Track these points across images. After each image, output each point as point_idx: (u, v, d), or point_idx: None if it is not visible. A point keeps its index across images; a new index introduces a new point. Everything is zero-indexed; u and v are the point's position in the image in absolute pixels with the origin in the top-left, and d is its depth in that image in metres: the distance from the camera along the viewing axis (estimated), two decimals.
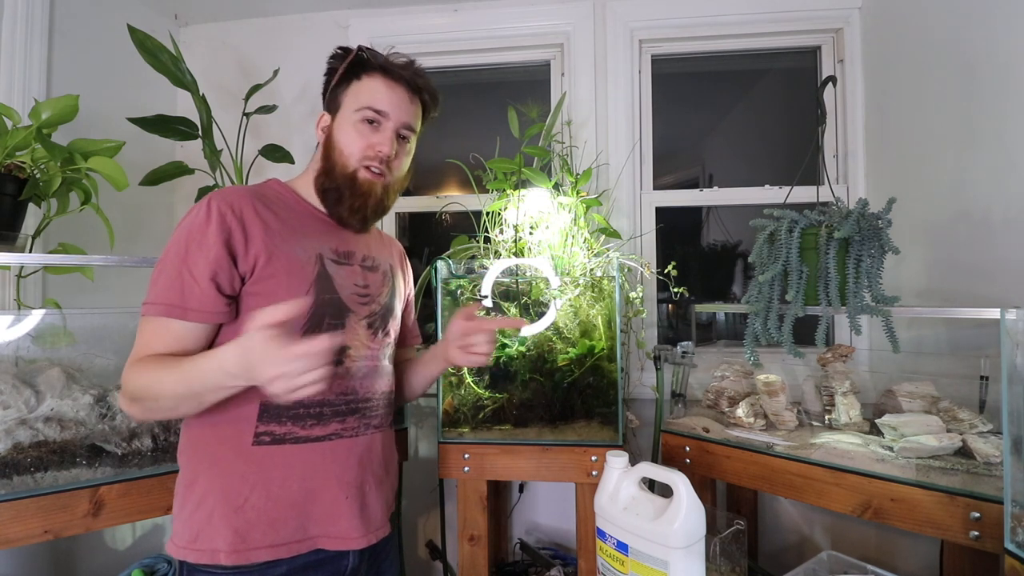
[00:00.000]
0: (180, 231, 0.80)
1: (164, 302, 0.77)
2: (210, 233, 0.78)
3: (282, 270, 0.82)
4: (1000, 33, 1.20)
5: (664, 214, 1.82)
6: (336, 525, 0.84)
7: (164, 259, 0.80)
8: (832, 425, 1.21)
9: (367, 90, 0.89)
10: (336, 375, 0.86)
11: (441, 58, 1.91)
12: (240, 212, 0.82)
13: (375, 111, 0.88)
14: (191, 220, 0.80)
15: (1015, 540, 0.78)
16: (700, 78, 1.96)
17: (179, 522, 0.82)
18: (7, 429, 1.00)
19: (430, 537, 1.73)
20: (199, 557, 0.78)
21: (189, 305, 0.77)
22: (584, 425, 1.30)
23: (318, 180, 0.91)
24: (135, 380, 0.76)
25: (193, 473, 0.82)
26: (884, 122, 1.62)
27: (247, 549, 0.79)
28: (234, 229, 0.80)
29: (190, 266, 0.77)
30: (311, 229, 0.89)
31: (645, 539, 0.86)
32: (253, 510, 0.80)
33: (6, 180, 1.08)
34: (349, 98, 0.89)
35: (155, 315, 0.77)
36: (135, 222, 1.67)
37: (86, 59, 1.60)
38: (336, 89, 0.91)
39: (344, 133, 0.88)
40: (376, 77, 0.89)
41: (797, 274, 1.11)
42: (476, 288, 1.33)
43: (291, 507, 0.82)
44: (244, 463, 0.81)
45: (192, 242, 0.78)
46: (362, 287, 0.92)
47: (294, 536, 0.81)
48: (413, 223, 2.02)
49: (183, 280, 0.77)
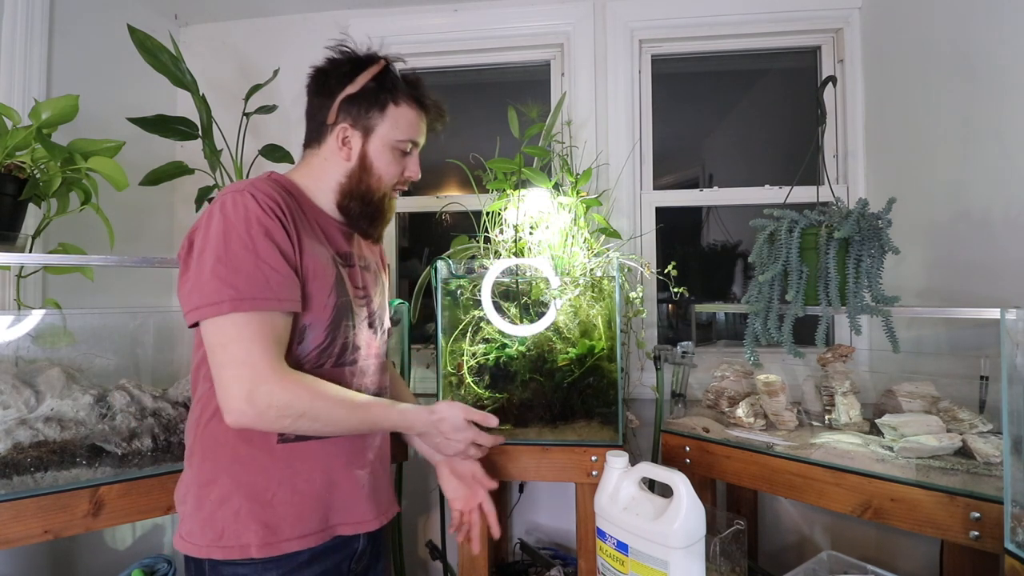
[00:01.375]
0: (235, 226, 0.76)
1: (258, 296, 0.74)
2: (269, 222, 0.77)
3: (311, 270, 0.83)
4: (1000, 33, 1.20)
5: (664, 214, 1.82)
6: (354, 512, 0.88)
7: (227, 255, 0.75)
8: (832, 425, 1.21)
9: (406, 122, 0.91)
10: (353, 373, 0.90)
11: (441, 58, 1.91)
12: (283, 206, 0.81)
13: (415, 143, 0.93)
14: (241, 213, 0.77)
15: (1015, 540, 0.78)
16: (700, 78, 1.96)
17: (195, 522, 0.81)
18: (7, 429, 1.00)
19: (430, 537, 1.73)
20: (227, 553, 0.79)
21: (280, 295, 0.77)
22: (584, 425, 1.30)
23: (343, 197, 0.91)
24: (308, 399, 0.77)
25: (211, 473, 0.82)
26: (884, 122, 1.62)
27: (278, 541, 0.80)
28: (285, 221, 0.80)
29: (263, 256, 0.76)
30: (324, 231, 0.90)
31: (645, 539, 0.86)
32: (281, 504, 0.81)
33: (6, 180, 1.08)
34: (387, 125, 0.89)
35: (250, 310, 0.74)
36: (135, 222, 1.67)
37: (86, 59, 1.60)
38: (363, 104, 0.88)
39: (382, 159, 0.90)
40: (413, 108, 0.92)
41: (797, 274, 1.11)
42: (476, 288, 1.33)
43: (316, 499, 0.84)
44: (270, 460, 0.82)
45: (256, 234, 0.76)
46: (361, 288, 0.94)
47: (319, 526, 0.84)
48: (413, 223, 2.02)
49: (263, 271, 0.75)
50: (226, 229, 0.76)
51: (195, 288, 0.75)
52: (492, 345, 1.33)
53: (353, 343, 0.90)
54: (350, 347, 0.89)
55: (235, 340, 0.74)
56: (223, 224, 0.76)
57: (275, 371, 0.75)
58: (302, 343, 0.83)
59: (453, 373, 1.33)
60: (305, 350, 0.83)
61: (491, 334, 1.34)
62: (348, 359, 0.89)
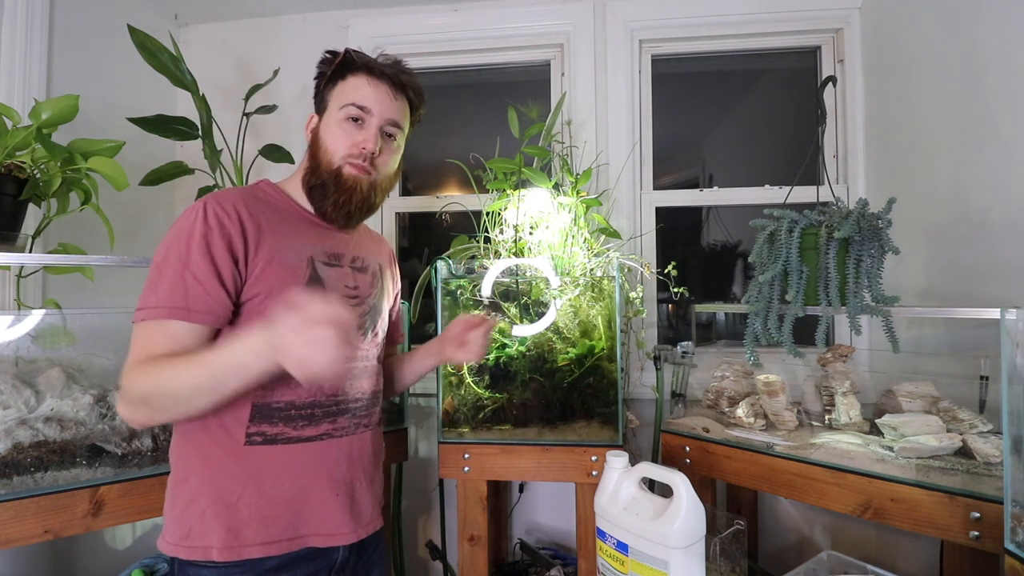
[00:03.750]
0: (177, 235, 0.79)
1: (167, 305, 0.76)
2: (211, 236, 0.78)
3: (275, 273, 0.82)
4: (1000, 33, 1.20)
5: (664, 214, 1.82)
6: (327, 523, 0.86)
7: (162, 264, 0.78)
8: (832, 425, 1.21)
9: (351, 88, 0.90)
10: None
11: (441, 58, 1.91)
12: (237, 215, 0.82)
13: (358, 107, 0.89)
14: (189, 224, 0.79)
15: (1015, 540, 0.78)
16: (700, 78, 1.96)
17: (170, 519, 0.82)
18: (7, 429, 1.00)
19: (430, 537, 1.73)
20: (191, 553, 0.79)
21: (193, 307, 0.76)
22: (584, 425, 1.30)
23: (305, 179, 0.91)
24: (142, 380, 0.73)
25: (184, 471, 0.83)
26: (884, 122, 1.62)
27: (240, 546, 0.79)
28: (233, 232, 0.80)
29: (193, 269, 0.76)
30: (302, 231, 0.90)
31: (645, 539, 0.86)
32: (246, 508, 0.80)
33: (6, 180, 1.08)
34: (334, 98, 0.90)
35: (155, 318, 0.76)
36: (135, 222, 1.67)
37: (86, 59, 1.60)
38: (323, 91, 0.93)
39: (329, 131, 0.89)
40: (360, 76, 0.90)
41: (797, 274, 1.11)
42: (476, 288, 1.33)
43: (283, 506, 0.82)
44: (236, 462, 0.81)
45: (193, 245, 0.77)
46: (352, 288, 0.93)
47: (286, 534, 0.82)
48: (413, 223, 2.02)
49: (186, 283, 0.76)
50: (172, 239, 0.79)
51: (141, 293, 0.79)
52: (492, 345, 1.33)
53: None
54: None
55: (134, 346, 0.77)
56: (171, 235, 0.80)
57: (130, 367, 0.75)
58: None
59: (453, 373, 1.34)
60: None
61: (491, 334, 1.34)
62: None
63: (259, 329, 0.67)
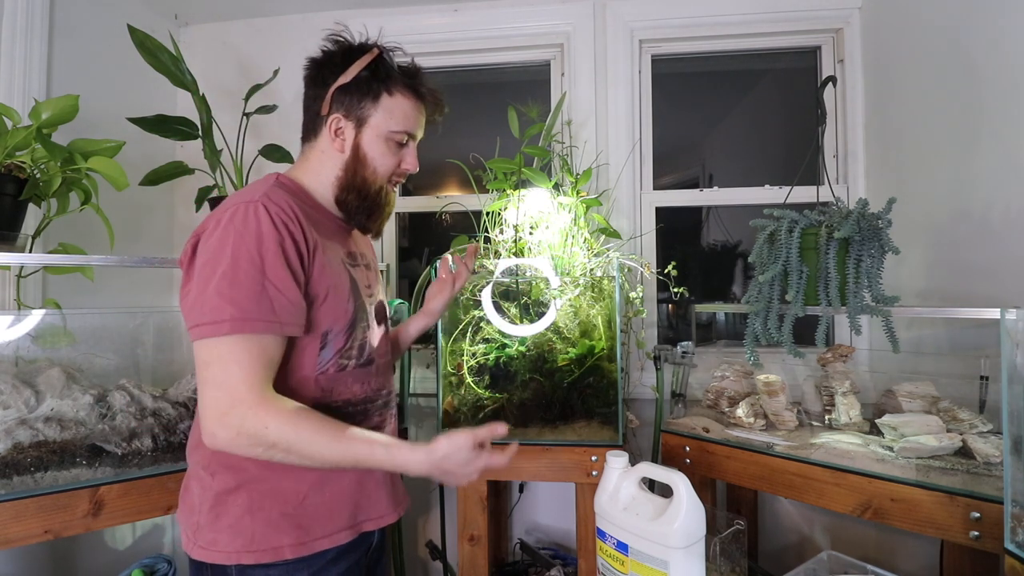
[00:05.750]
0: (242, 240, 0.73)
1: (258, 318, 0.72)
2: (284, 243, 0.76)
3: (328, 278, 0.82)
4: (1000, 33, 1.20)
5: (664, 214, 1.82)
6: (376, 507, 0.89)
7: (231, 271, 0.72)
8: (832, 425, 1.21)
9: (401, 113, 0.88)
10: (371, 374, 0.90)
11: (441, 58, 1.91)
12: (297, 219, 0.79)
13: (411, 136, 0.90)
14: (254, 228, 0.74)
15: (1015, 540, 0.78)
16: (700, 78, 1.96)
17: (216, 531, 0.79)
18: (7, 429, 1.00)
19: (430, 537, 1.73)
20: (259, 557, 0.78)
21: (283, 319, 0.74)
22: (584, 425, 1.30)
23: (340, 191, 0.89)
24: (281, 428, 0.71)
25: (235, 480, 0.80)
26: (884, 122, 1.62)
27: (310, 540, 0.81)
28: (298, 238, 0.78)
29: (271, 278, 0.73)
30: (332, 233, 0.89)
31: (645, 539, 0.87)
32: (312, 506, 0.82)
33: (6, 180, 1.08)
34: (380, 115, 0.87)
35: (250, 332, 0.71)
36: (135, 222, 1.67)
37: (86, 59, 1.60)
38: (356, 94, 0.86)
39: (376, 151, 0.87)
40: (408, 97, 0.88)
41: (797, 274, 1.11)
42: (476, 288, 1.33)
43: (346, 499, 0.85)
44: None
45: (268, 252, 0.73)
46: (367, 287, 0.93)
47: (347, 524, 0.85)
48: (413, 223, 2.02)
49: (269, 293, 0.73)
50: (235, 243, 0.73)
51: (197, 303, 0.72)
52: (492, 345, 1.33)
53: (370, 343, 0.90)
54: (367, 348, 0.89)
55: (220, 361, 0.71)
56: (232, 237, 0.73)
57: (253, 396, 0.71)
58: (324, 348, 0.82)
59: (453, 373, 1.34)
60: (327, 356, 0.83)
61: (491, 334, 1.34)
62: (366, 360, 0.89)
63: (417, 449, 0.77)
